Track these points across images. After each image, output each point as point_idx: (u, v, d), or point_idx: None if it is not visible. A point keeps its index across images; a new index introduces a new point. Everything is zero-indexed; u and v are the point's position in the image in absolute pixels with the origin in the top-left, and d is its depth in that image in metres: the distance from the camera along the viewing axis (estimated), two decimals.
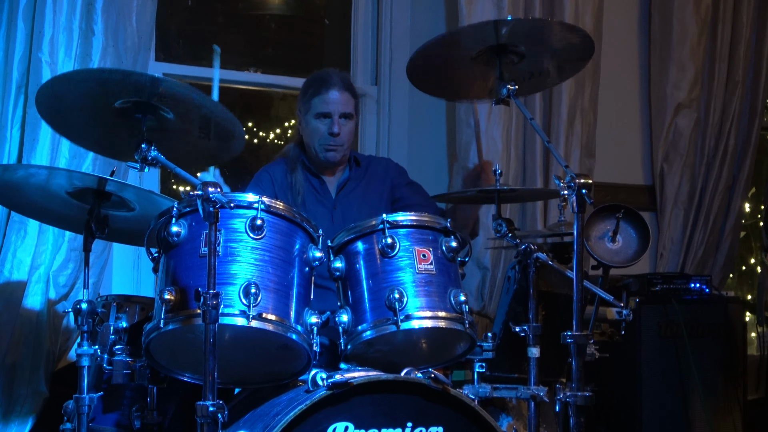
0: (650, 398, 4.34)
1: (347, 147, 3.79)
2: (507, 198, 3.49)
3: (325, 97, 3.71)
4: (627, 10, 5.45)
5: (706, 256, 5.38)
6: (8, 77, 3.75)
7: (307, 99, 3.75)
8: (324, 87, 3.72)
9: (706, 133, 5.39)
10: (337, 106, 3.71)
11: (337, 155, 3.76)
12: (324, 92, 3.71)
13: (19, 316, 3.73)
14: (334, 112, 3.70)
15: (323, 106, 3.71)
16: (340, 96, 3.72)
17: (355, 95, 3.80)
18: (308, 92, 3.76)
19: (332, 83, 3.72)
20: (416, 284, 2.84)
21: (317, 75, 3.83)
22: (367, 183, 3.86)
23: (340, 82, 3.74)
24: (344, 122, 3.72)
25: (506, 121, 4.72)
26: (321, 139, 3.72)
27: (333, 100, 3.70)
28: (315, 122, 3.73)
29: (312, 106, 3.73)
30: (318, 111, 3.72)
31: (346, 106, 3.73)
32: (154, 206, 2.99)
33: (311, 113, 3.73)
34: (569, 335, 2.74)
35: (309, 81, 3.83)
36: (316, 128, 3.72)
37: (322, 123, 3.72)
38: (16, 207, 3.45)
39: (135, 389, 3.13)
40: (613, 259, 3.32)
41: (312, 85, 3.77)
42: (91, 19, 3.85)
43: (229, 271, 2.67)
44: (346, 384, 2.61)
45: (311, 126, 3.74)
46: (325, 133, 3.71)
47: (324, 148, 3.73)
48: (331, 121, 3.70)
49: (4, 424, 3.72)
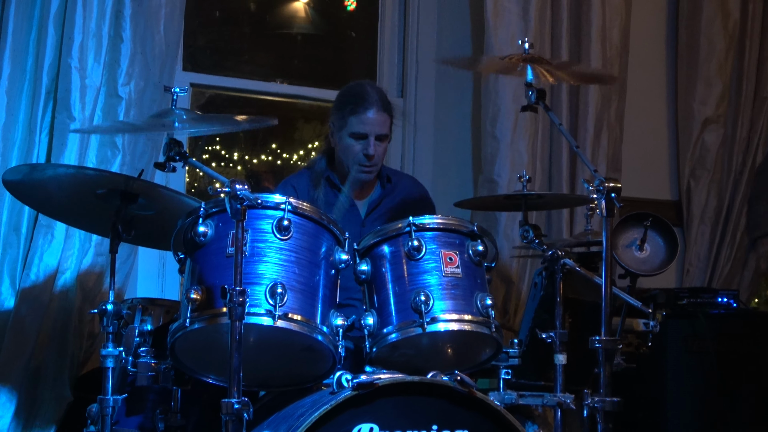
0: (676, 411, 4.28)
1: (379, 166, 3.71)
2: (534, 205, 3.47)
3: (363, 117, 3.59)
4: (654, 25, 5.43)
5: (733, 272, 5.32)
6: (38, 82, 3.78)
7: (344, 115, 3.62)
8: (362, 106, 3.59)
9: (733, 149, 5.34)
10: (373, 127, 3.60)
11: (370, 176, 3.68)
12: (361, 112, 3.58)
13: (45, 320, 3.73)
14: (371, 133, 3.59)
15: (360, 126, 3.59)
16: (378, 117, 3.60)
17: (392, 114, 3.68)
18: (345, 108, 3.63)
19: (370, 102, 3.59)
20: (442, 287, 2.83)
21: (355, 90, 3.70)
22: (396, 201, 3.78)
23: (378, 102, 3.61)
24: (379, 143, 3.62)
25: (532, 134, 4.71)
26: (355, 159, 3.62)
27: (370, 121, 3.59)
28: (349, 140, 3.61)
29: (348, 125, 3.60)
30: (354, 131, 3.60)
31: (383, 127, 3.63)
32: (180, 207, 2.99)
33: (346, 130, 3.61)
34: (597, 340, 2.72)
35: (346, 95, 3.71)
36: (351, 147, 3.62)
37: (357, 143, 3.60)
38: (43, 208, 3.46)
39: (159, 392, 3.13)
40: (640, 268, 3.31)
41: (349, 102, 3.64)
42: (120, 26, 3.87)
43: (255, 270, 2.67)
44: (371, 385, 2.60)
45: (345, 143, 3.63)
46: (360, 154, 3.60)
47: (358, 168, 3.63)
48: (367, 142, 3.59)
49: (28, 429, 3.72)
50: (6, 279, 3.73)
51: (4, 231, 3.73)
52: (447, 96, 4.98)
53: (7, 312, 3.71)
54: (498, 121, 4.66)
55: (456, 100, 4.99)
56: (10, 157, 3.75)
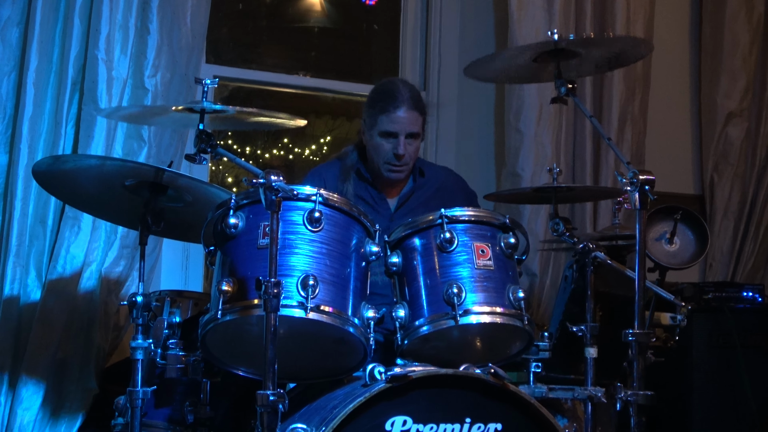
0: (701, 406, 4.26)
1: (411, 165, 3.67)
2: (563, 198, 3.44)
3: (393, 116, 3.54)
4: (678, 19, 5.41)
5: (756, 266, 5.30)
6: (64, 74, 3.78)
7: (374, 114, 3.58)
8: (392, 105, 3.54)
9: (757, 143, 5.32)
10: (404, 126, 3.54)
11: (400, 176, 3.64)
12: (392, 110, 3.54)
13: (71, 312, 3.74)
14: (401, 132, 3.55)
15: (390, 125, 3.55)
16: (408, 116, 3.55)
17: (424, 112, 3.63)
18: (375, 107, 3.59)
19: (401, 101, 3.55)
20: (474, 279, 2.82)
21: (386, 88, 3.65)
22: (429, 194, 3.73)
23: (409, 100, 3.56)
24: (410, 141, 3.57)
25: (556, 127, 4.69)
26: (385, 157, 3.58)
27: (400, 120, 3.54)
28: (379, 139, 3.57)
29: (378, 123, 3.56)
30: (384, 129, 3.56)
31: (414, 126, 3.57)
32: (209, 199, 2.99)
33: (376, 129, 3.58)
34: (631, 333, 2.70)
35: (377, 93, 3.67)
36: (381, 145, 3.58)
37: (387, 142, 3.56)
38: (70, 199, 3.47)
39: (187, 384, 3.12)
40: (670, 261, 3.29)
41: (380, 100, 3.59)
42: (147, 17, 3.87)
43: (287, 263, 2.66)
44: (404, 377, 2.58)
45: (375, 141, 3.59)
46: (390, 153, 3.56)
47: (388, 167, 3.59)
48: (397, 141, 3.55)
49: (54, 420, 3.72)
50: (32, 271, 3.73)
51: (30, 223, 3.73)
52: (470, 89, 4.95)
53: (33, 304, 3.72)
54: (522, 114, 4.65)
55: (479, 93, 4.97)
56: (37, 148, 3.75)
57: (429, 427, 2.62)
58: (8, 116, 3.76)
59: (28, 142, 3.71)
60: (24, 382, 3.66)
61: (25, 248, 3.71)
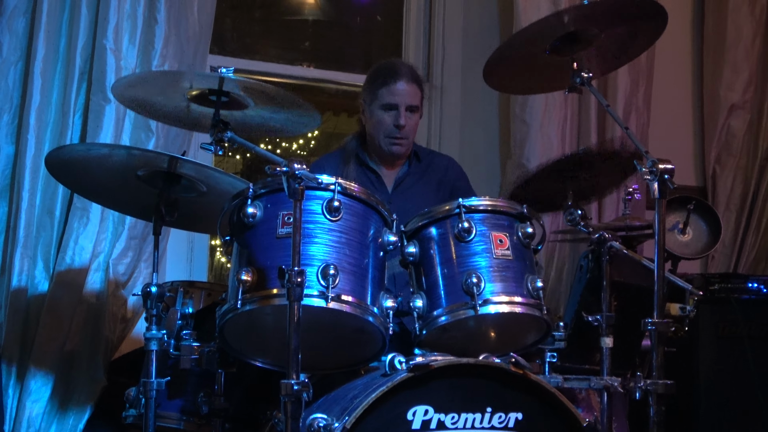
0: (708, 396, 4.28)
1: (411, 140, 3.74)
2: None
3: (393, 87, 3.63)
4: (681, 11, 5.39)
5: (759, 258, 5.30)
6: (71, 64, 3.75)
7: (374, 89, 3.67)
8: (392, 78, 3.64)
9: (759, 135, 5.32)
10: (404, 97, 3.63)
11: (401, 149, 3.70)
12: (391, 83, 3.63)
13: (79, 304, 3.72)
14: (401, 104, 3.63)
15: (390, 97, 3.63)
16: (408, 87, 3.65)
17: (422, 88, 3.73)
18: (375, 82, 3.68)
19: (400, 74, 3.65)
20: (493, 269, 2.81)
21: (384, 65, 3.76)
22: (426, 179, 3.80)
23: (408, 74, 3.67)
24: (410, 115, 3.66)
25: (561, 119, 4.69)
26: (386, 131, 3.65)
27: (400, 91, 3.63)
28: (381, 113, 3.65)
29: (378, 97, 3.65)
30: (384, 102, 3.64)
31: (413, 98, 3.67)
32: (224, 189, 2.97)
33: (377, 104, 3.65)
34: (651, 322, 2.69)
35: (376, 71, 3.76)
36: (382, 119, 3.65)
37: (388, 115, 3.64)
38: (80, 189, 3.44)
39: (200, 375, 3.11)
40: (683, 251, 3.29)
41: (379, 75, 3.69)
42: (154, 7, 3.85)
43: (307, 252, 2.63)
44: (426, 367, 2.57)
45: (376, 117, 3.66)
46: (391, 125, 3.63)
47: (389, 141, 3.66)
48: (398, 112, 3.63)
49: (63, 412, 3.70)
50: (40, 262, 3.71)
51: (38, 213, 3.71)
52: (474, 80, 4.93)
53: (41, 295, 3.70)
54: (528, 105, 4.64)
55: (483, 84, 4.93)
56: (44, 139, 3.72)
57: (450, 416, 2.61)
58: (15, 106, 3.74)
59: (35, 133, 3.68)
60: (33, 374, 3.64)
61: (33, 239, 3.69)
